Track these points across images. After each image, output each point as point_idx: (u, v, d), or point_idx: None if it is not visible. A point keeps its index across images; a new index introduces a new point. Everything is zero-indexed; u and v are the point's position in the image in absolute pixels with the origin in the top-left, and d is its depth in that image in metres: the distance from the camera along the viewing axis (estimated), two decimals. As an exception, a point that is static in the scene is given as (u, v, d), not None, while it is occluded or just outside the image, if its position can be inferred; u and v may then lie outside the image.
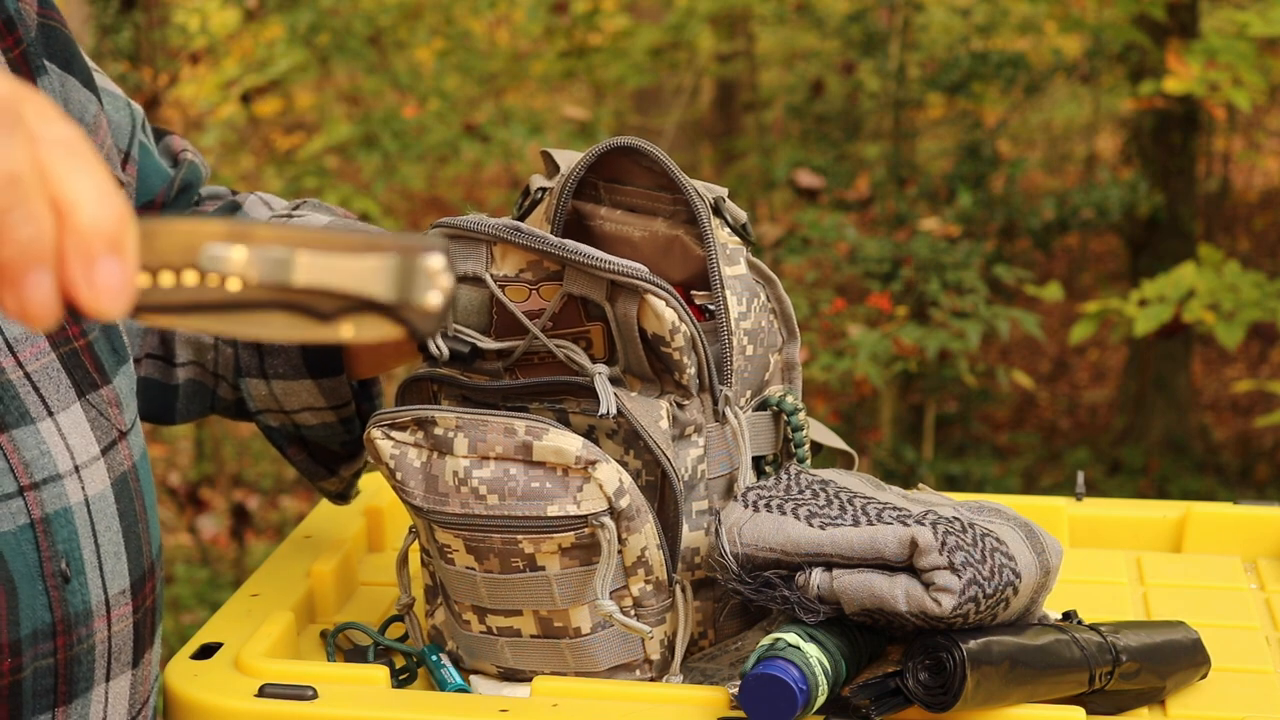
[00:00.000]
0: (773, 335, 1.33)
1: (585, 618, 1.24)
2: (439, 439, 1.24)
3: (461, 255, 1.26)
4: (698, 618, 1.28)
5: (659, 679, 1.26)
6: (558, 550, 1.22)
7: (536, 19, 5.58)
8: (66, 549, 1.13)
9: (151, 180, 1.40)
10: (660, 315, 1.21)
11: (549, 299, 1.24)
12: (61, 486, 1.14)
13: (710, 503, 1.28)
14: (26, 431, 1.13)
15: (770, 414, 1.32)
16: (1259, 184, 7.61)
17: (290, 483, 5.49)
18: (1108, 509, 1.61)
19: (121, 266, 0.68)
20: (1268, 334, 6.33)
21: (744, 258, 1.30)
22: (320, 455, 1.48)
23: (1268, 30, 3.88)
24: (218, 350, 1.44)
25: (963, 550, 1.14)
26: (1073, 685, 1.19)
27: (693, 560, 1.27)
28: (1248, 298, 3.79)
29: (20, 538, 1.10)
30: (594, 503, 1.20)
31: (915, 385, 4.81)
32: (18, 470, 1.11)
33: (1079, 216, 4.95)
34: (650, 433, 1.22)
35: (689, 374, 1.24)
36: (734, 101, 6.93)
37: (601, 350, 1.25)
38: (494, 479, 1.21)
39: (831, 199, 4.93)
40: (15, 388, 1.13)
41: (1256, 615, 1.42)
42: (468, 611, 1.28)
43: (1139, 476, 5.21)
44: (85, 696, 1.15)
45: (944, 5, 5.54)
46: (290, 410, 1.43)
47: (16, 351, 1.14)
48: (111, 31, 4.95)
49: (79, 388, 1.18)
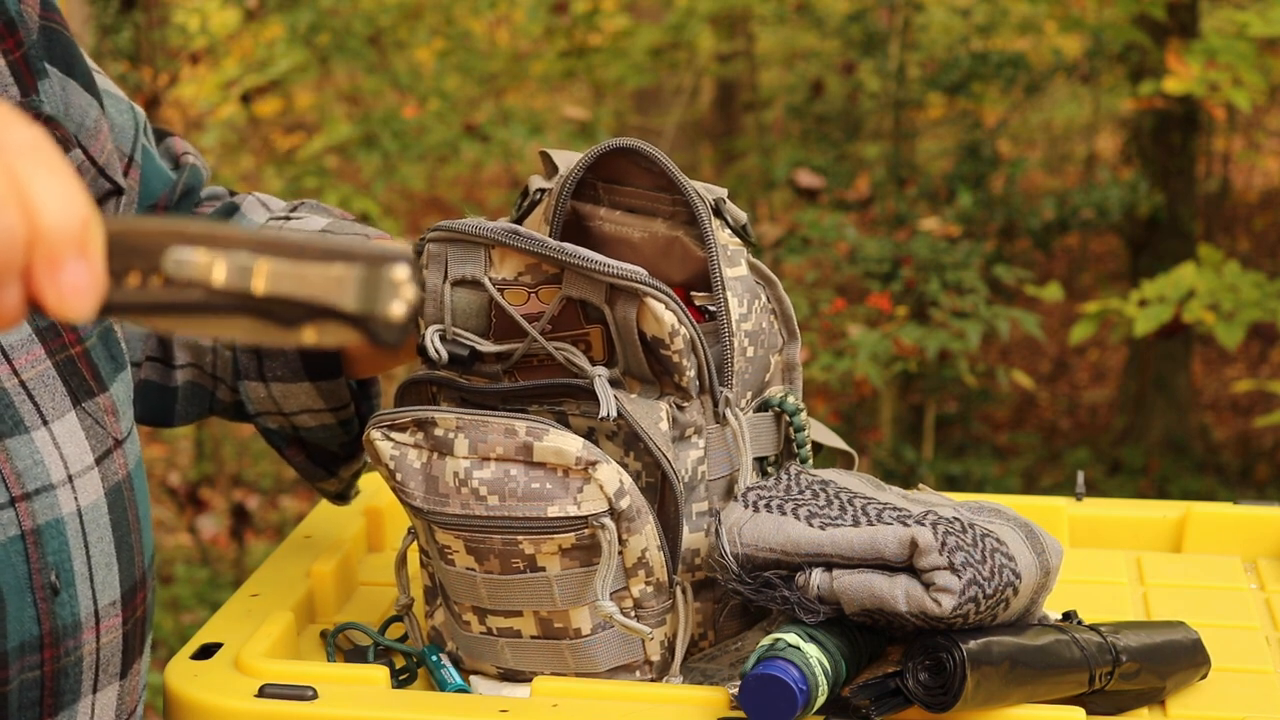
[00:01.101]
0: (773, 336, 1.33)
1: (586, 619, 1.24)
2: (439, 440, 1.24)
3: (459, 259, 1.26)
4: (698, 619, 1.28)
5: (659, 680, 1.26)
6: (558, 551, 1.22)
7: (536, 19, 5.58)
8: (57, 560, 1.11)
9: (154, 184, 1.39)
10: (660, 318, 1.21)
11: (548, 302, 1.24)
12: (54, 497, 1.12)
13: (711, 504, 1.28)
14: (20, 441, 1.11)
15: (772, 415, 1.32)
16: (1259, 184, 7.61)
17: (290, 483, 5.49)
18: (1108, 509, 1.61)
19: (88, 269, 0.68)
20: (1268, 334, 6.33)
21: (744, 259, 1.30)
22: (319, 456, 1.48)
23: (1268, 30, 3.88)
24: (216, 353, 1.43)
25: (963, 550, 1.14)
26: (1073, 685, 1.19)
27: (693, 561, 1.27)
28: (1248, 298, 3.79)
29: (10, 549, 1.09)
30: (594, 504, 1.20)
31: (915, 385, 4.81)
32: (9, 480, 1.10)
33: (1079, 216, 4.95)
34: (650, 434, 1.22)
35: (689, 376, 1.24)
36: (734, 101, 6.93)
37: (601, 352, 1.25)
38: (494, 480, 1.21)
39: (831, 199, 4.93)
40: (10, 395, 1.11)
41: (1256, 615, 1.42)
42: (468, 612, 1.28)
43: (1139, 476, 5.21)
44: (72, 709, 1.14)
45: (944, 5, 5.54)
46: (289, 412, 1.43)
47: (12, 359, 1.12)
48: (111, 31, 4.95)
49: (75, 395, 1.16)
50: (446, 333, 1.27)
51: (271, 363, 1.41)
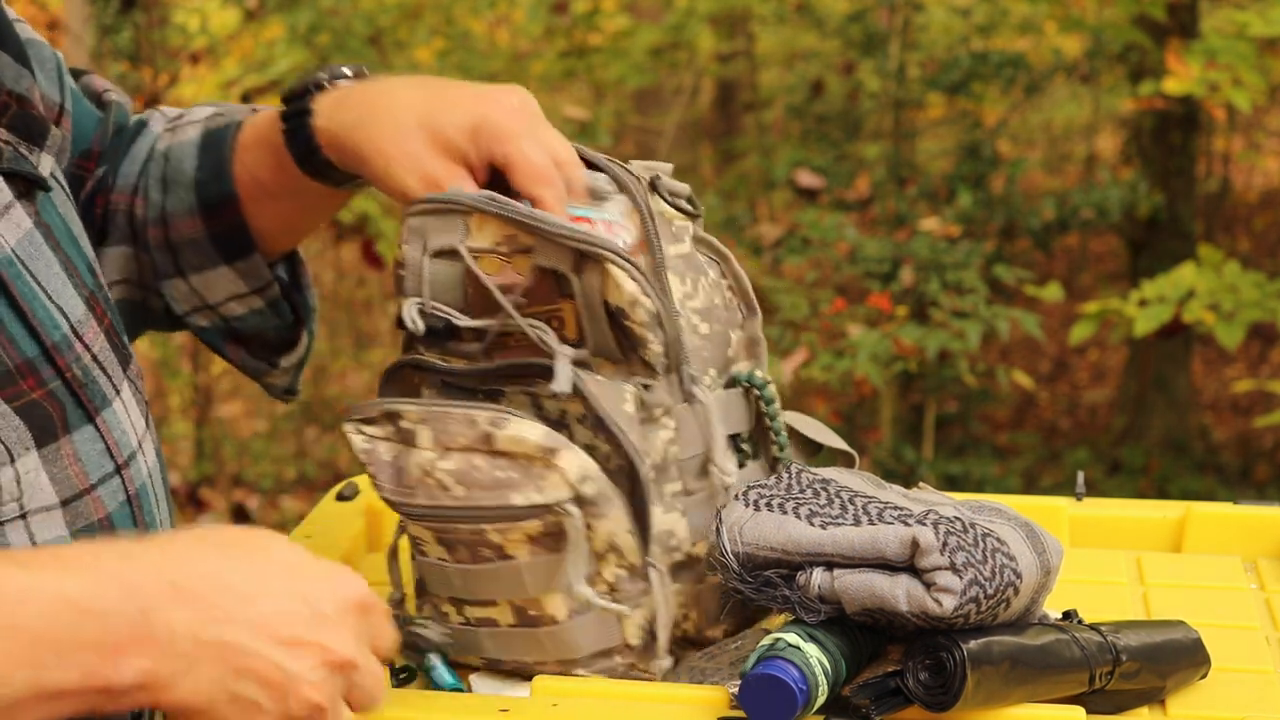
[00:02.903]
0: (731, 312, 1.33)
1: (560, 605, 1.24)
2: (406, 432, 1.25)
3: (439, 229, 1.27)
4: (679, 600, 1.28)
5: (641, 666, 1.26)
6: (525, 539, 1.22)
7: (536, 19, 5.58)
8: (149, 520, 1.20)
9: (84, 125, 1.39)
10: (620, 286, 1.22)
11: (522, 272, 1.25)
12: (138, 461, 1.20)
13: (684, 484, 1.27)
14: (109, 412, 1.18)
15: (740, 391, 1.32)
16: (1259, 184, 7.61)
17: (290, 483, 5.49)
18: (1108, 509, 1.61)
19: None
20: (1268, 334, 6.33)
21: (689, 235, 1.31)
22: (258, 349, 1.49)
23: (1268, 30, 3.88)
24: (138, 260, 1.44)
25: (964, 550, 1.14)
26: (1073, 685, 1.19)
27: (669, 543, 1.27)
28: (1248, 298, 3.79)
29: (120, 514, 1.17)
30: (558, 490, 1.20)
31: (915, 385, 4.81)
32: (114, 450, 1.17)
33: (1079, 216, 4.95)
34: (613, 416, 1.22)
35: (653, 350, 1.24)
36: (734, 101, 6.93)
37: (573, 331, 1.25)
38: (458, 470, 1.22)
39: (831, 199, 4.93)
40: (91, 371, 1.17)
41: (1256, 615, 1.42)
42: (445, 604, 1.29)
43: (1139, 476, 5.21)
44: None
45: (944, 5, 5.53)
46: (215, 304, 1.45)
47: (81, 335, 1.18)
48: (111, 31, 4.96)
49: (123, 364, 1.23)
50: (425, 306, 1.28)
51: (185, 255, 1.42)
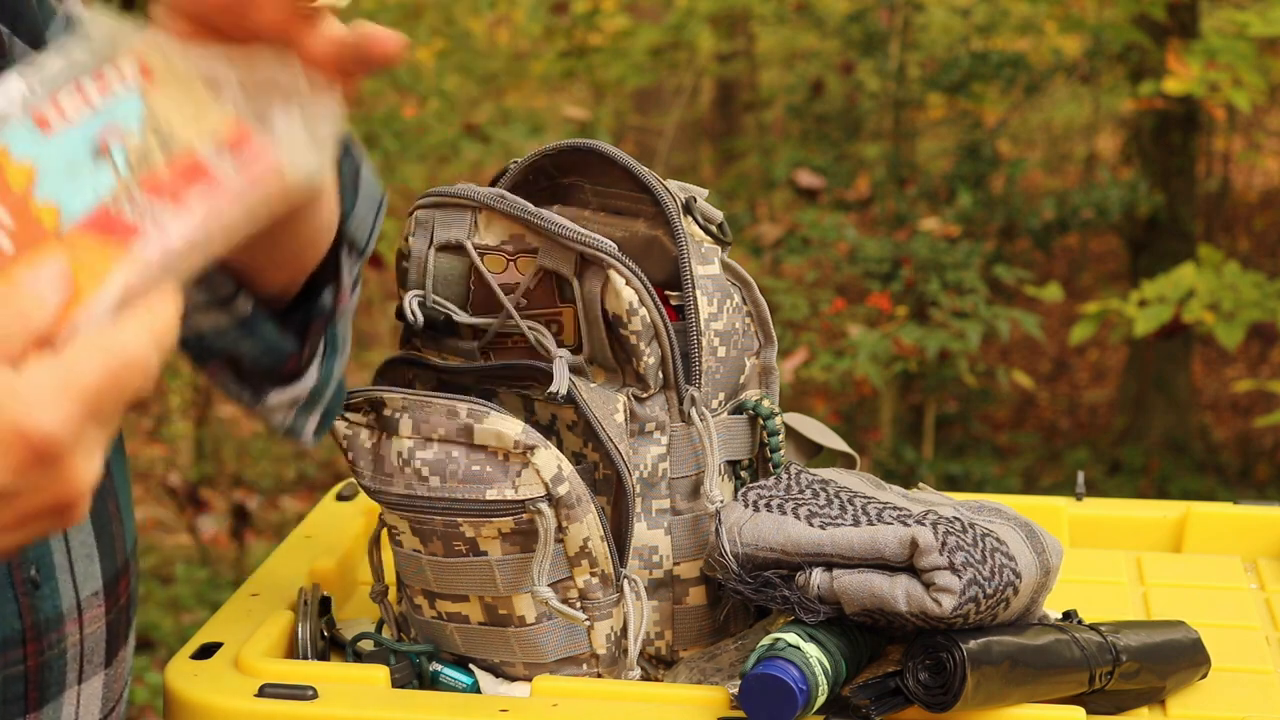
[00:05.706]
0: (748, 338, 1.32)
1: (529, 606, 1.24)
2: (386, 420, 1.25)
3: (446, 222, 1.27)
4: (655, 617, 1.28)
5: (609, 677, 1.26)
6: (498, 535, 1.22)
7: (536, 19, 5.59)
8: (36, 554, 1.09)
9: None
10: (619, 293, 1.22)
11: (525, 273, 1.25)
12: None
13: (673, 502, 1.27)
14: None
15: (746, 418, 1.32)
16: (1259, 184, 7.61)
17: (290, 483, 5.49)
18: (1108, 509, 1.61)
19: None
20: (1268, 334, 6.33)
21: (718, 258, 1.31)
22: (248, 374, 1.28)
23: (1268, 30, 3.88)
24: None
25: (963, 550, 1.14)
26: (1073, 685, 1.19)
27: (650, 559, 1.27)
28: (1248, 298, 3.79)
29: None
30: (531, 488, 1.20)
31: (915, 385, 4.81)
32: None
33: (1079, 216, 4.95)
34: (603, 424, 1.22)
35: (646, 363, 1.24)
36: (734, 101, 6.94)
37: (571, 336, 1.26)
38: (436, 460, 1.22)
39: (831, 199, 4.93)
40: None
41: (1256, 615, 1.42)
42: (418, 595, 1.29)
43: (1139, 476, 5.21)
44: (57, 701, 1.12)
45: (944, 5, 5.53)
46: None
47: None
48: (111, 31, 4.93)
49: None
50: (426, 299, 1.28)
51: None
